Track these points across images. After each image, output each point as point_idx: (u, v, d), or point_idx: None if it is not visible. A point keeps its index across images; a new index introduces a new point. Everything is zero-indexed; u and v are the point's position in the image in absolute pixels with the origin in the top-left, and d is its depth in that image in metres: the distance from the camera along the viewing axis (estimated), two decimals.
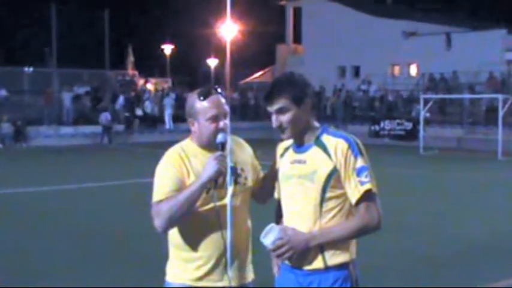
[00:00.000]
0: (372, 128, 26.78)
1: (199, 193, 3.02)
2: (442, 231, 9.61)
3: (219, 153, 3.04)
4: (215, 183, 3.07)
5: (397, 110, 30.92)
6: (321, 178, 2.97)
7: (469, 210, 11.56)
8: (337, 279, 2.98)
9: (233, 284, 3.14)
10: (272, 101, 3.01)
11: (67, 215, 10.98)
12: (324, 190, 2.97)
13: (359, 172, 2.94)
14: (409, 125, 26.14)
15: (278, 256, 3.00)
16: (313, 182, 2.99)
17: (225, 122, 3.15)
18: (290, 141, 3.15)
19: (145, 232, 9.10)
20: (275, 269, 3.25)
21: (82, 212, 11.21)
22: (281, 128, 3.04)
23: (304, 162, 3.03)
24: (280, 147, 3.23)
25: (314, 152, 3.02)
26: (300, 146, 3.09)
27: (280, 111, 3.02)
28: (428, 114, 25.37)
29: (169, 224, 3.07)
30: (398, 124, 26.63)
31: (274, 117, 3.04)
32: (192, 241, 3.15)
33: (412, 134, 25.55)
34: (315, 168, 2.99)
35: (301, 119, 3.02)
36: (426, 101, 24.41)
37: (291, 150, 3.14)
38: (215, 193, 3.09)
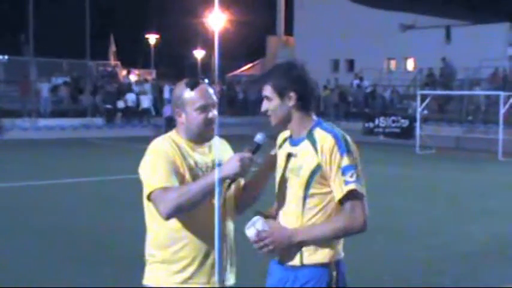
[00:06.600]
0: (366, 125, 26.76)
1: (214, 187, 2.99)
2: (438, 234, 9.61)
3: (248, 155, 3.00)
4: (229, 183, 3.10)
5: (393, 107, 30.91)
6: (305, 173, 3.02)
7: (467, 213, 11.56)
8: (311, 278, 3.02)
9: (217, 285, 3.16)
10: (261, 85, 3.12)
11: (38, 211, 10.93)
12: (307, 186, 3.02)
13: (344, 171, 2.96)
14: (405, 123, 26.12)
15: (260, 248, 3.04)
16: (299, 176, 3.04)
17: (213, 113, 3.19)
18: (288, 132, 3.20)
19: (121, 231, 9.11)
20: None
21: (55, 209, 11.14)
22: (267, 115, 3.13)
23: (296, 155, 3.09)
24: (280, 137, 3.28)
25: (305, 146, 3.06)
26: (294, 138, 3.15)
27: (266, 97, 3.11)
28: (425, 112, 25.40)
29: (176, 212, 3.03)
30: (393, 121, 26.61)
31: (263, 102, 3.13)
32: (180, 240, 3.15)
33: (408, 132, 25.53)
34: (302, 163, 3.04)
35: (282, 111, 3.09)
36: (423, 98, 24.42)
37: (287, 142, 3.20)
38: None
